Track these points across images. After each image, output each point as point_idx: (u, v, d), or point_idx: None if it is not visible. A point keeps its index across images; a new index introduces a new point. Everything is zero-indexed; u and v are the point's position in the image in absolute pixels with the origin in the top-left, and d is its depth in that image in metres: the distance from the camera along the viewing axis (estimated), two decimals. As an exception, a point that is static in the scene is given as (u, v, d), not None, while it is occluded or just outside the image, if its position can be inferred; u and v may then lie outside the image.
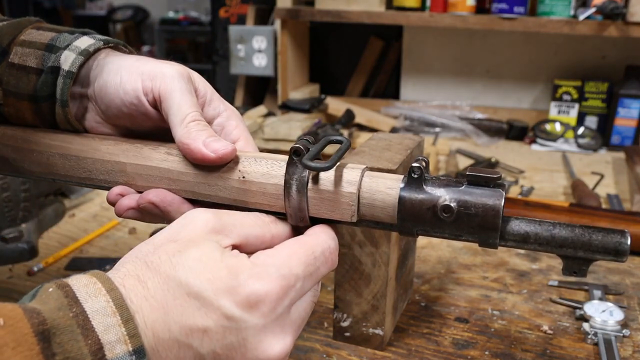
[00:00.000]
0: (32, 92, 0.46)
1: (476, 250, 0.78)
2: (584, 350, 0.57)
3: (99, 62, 0.46)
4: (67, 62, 0.45)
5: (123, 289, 0.32)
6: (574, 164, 1.19)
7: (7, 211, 0.78)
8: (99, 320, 0.29)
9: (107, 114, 0.47)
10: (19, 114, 0.48)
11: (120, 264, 0.34)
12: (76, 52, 0.45)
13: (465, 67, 1.59)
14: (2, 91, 0.47)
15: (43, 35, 0.47)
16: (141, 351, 0.30)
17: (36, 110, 0.47)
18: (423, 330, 0.60)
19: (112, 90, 0.44)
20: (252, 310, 0.33)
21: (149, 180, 0.44)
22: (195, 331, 0.32)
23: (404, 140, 0.58)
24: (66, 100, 0.45)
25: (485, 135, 1.41)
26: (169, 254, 0.34)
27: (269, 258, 0.35)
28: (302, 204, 0.39)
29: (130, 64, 0.45)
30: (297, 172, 0.39)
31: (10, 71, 0.46)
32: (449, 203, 0.38)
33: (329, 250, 0.38)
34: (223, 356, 0.33)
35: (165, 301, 0.32)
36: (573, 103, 1.42)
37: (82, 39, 0.46)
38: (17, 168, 0.48)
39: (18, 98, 0.47)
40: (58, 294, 0.29)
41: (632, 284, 0.70)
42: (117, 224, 0.87)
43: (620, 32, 1.26)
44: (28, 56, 0.46)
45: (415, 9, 1.45)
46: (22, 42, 0.47)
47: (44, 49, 0.46)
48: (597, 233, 0.37)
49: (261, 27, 1.70)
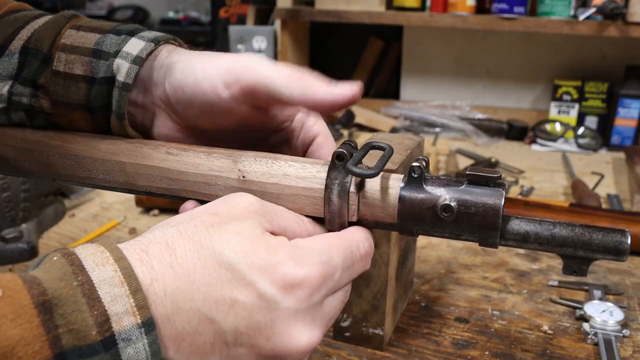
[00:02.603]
0: (85, 102, 0.44)
1: (476, 250, 0.78)
2: (584, 350, 0.57)
3: (162, 64, 0.44)
4: (121, 72, 0.43)
5: (145, 254, 0.30)
6: (574, 164, 1.19)
7: (7, 211, 0.78)
8: (106, 290, 0.27)
9: (185, 117, 0.44)
10: (72, 123, 0.46)
11: (147, 231, 0.33)
12: (129, 61, 0.43)
13: (465, 67, 1.59)
14: (50, 101, 0.45)
15: (86, 38, 0.44)
16: (150, 324, 0.28)
17: (91, 119, 0.45)
18: (423, 330, 0.60)
19: (189, 91, 0.42)
20: (287, 292, 0.31)
21: (149, 179, 0.44)
22: (220, 304, 0.30)
23: (404, 140, 0.58)
24: (123, 113, 0.43)
25: (485, 135, 1.41)
26: (206, 224, 0.32)
27: (310, 243, 0.34)
28: (342, 210, 0.39)
29: (202, 60, 0.42)
30: (339, 177, 0.38)
31: (56, 80, 0.44)
32: (449, 202, 0.38)
33: (364, 248, 0.37)
34: (245, 336, 0.31)
35: (193, 269, 0.30)
36: (573, 103, 1.42)
37: (131, 43, 0.43)
38: (17, 168, 0.48)
39: (69, 108, 0.45)
40: (62, 263, 0.28)
41: (632, 284, 0.70)
42: (117, 224, 0.87)
43: (620, 32, 1.26)
44: (74, 63, 0.44)
45: (415, 9, 1.45)
46: (64, 46, 0.44)
47: (90, 55, 0.44)
48: (597, 232, 0.37)
49: (261, 27, 1.70)
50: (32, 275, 0.27)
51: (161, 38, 0.45)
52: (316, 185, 0.40)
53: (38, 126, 0.47)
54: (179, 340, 0.30)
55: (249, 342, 0.31)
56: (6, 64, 0.45)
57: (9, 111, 0.47)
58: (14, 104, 0.46)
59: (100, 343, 0.26)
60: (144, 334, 0.27)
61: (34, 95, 0.45)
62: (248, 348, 0.31)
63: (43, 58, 0.45)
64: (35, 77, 0.45)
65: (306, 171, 0.40)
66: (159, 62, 0.44)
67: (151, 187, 0.44)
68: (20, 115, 0.47)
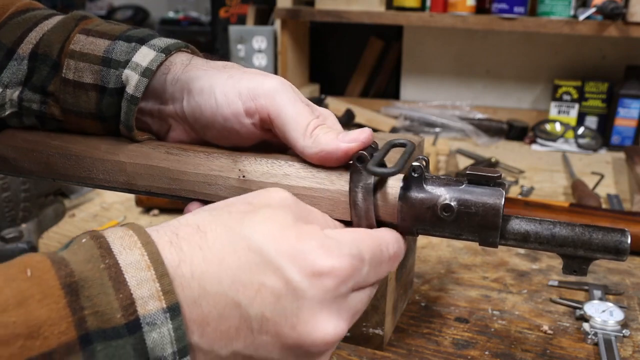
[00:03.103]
0: (96, 111, 0.44)
1: (476, 250, 0.78)
2: (584, 350, 0.57)
3: (177, 78, 0.43)
4: (130, 84, 0.42)
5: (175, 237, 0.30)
6: (574, 164, 1.19)
7: (7, 211, 0.78)
8: (132, 273, 0.27)
9: (204, 134, 0.44)
10: (83, 130, 0.46)
11: (180, 217, 0.33)
12: (138, 72, 0.42)
13: (465, 67, 1.59)
14: (60, 108, 0.45)
15: (95, 45, 0.43)
16: (176, 308, 0.28)
17: (102, 127, 0.45)
18: (423, 330, 0.60)
19: (208, 114, 0.41)
20: (314, 280, 0.31)
21: (149, 179, 0.44)
22: (247, 287, 0.30)
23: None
24: (131, 125, 0.43)
25: (485, 135, 1.41)
26: (240, 211, 0.32)
27: (340, 235, 0.34)
28: (369, 212, 0.39)
29: (222, 81, 0.41)
30: (362, 180, 0.38)
31: (66, 88, 0.44)
32: (449, 202, 0.38)
33: (393, 249, 0.37)
34: (271, 322, 0.30)
35: (222, 252, 0.30)
36: (573, 103, 1.42)
37: (142, 52, 0.42)
38: (17, 168, 0.48)
39: (79, 116, 0.44)
40: (90, 245, 0.28)
41: (632, 284, 0.70)
42: (117, 224, 0.87)
43: (620, 32, 1.26)
44: (83, 71, 0.43)
45: (415, 9, 1.45)
46: (73, 53, 0.44)
47: (100, 63, 0.43)
48: (597, 232, 0.37)
49: (261, 27, 1.70)
50: (60, 256, 0.27)
51: (173, 47, 0.43)
52: (316, 184, 0.40)
53: (50, 130, 0.47)
54: (204, 324, 0.29)
55: (274, 330, 0.31)
56: (15, 69, 0.45)
57: (21, 116, 0.46)
58: (24, 110, 0.46)
59: (125, 326, 0.26)
60: (169, 319, 0.27)
61: (44, 102, 0.45)
62: (273, 337, 0.31)
63: (52, 64, 0.44)
64: (45, 84, 0.44)
65: (306, 171, 0.40)
66: (174, 75, 0.43)
67: (151, 187, 0.44)
68: (31, 120, 0.47)
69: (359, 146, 0.39)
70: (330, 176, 0.40)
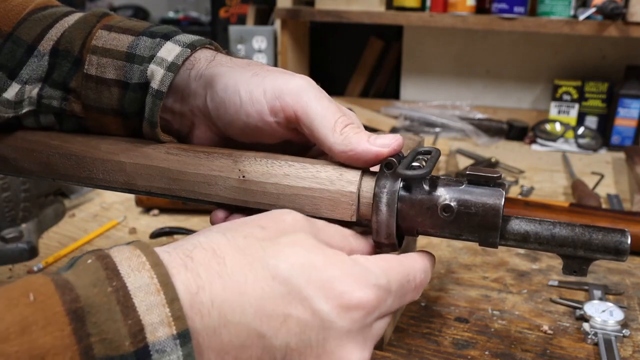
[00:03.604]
0: (118, 107, 0.43)
1: (476, 250, 0.78)
2: (584, 350, 0.57)
3: (201, 74, 0.42)
4: (155, 79, 0.41)
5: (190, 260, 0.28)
6: (574, 164, 1.19)
7: (7, 211, 0.78)
8: (142, 298, 0.26)
9: (226, 131, 0.44)
10: (103, 127, 0.45)
11: (190, 236, 0.31)
12: (164, 67, 0.41)
13: (465, 67, 1.59)
14: (82, 105, 0.44)
15: (118, 41, 0.43)
16: (186, 335, 0.26)
17: (123, 124, 0.44)
18: (423, 330, 0.60)
19: (232, 111, 0.41)
20: (343, 312, 0.30)
21: (149, 179, 0.44)
22: (273, 319, 0.29)
23: (404, 140, 0.58)
24: (156, 121, 0.42)
25: (485, 135, 1.41)
26: (257, 237, 0.31)
27: (369, 263, 0.33)
28: (390, 220, 0.38)
29: (246, 79, 0.41)
30: (388, 185, 0.38)
31: (88, 84, 0.43)
32: (449, 202, 0.38)
33: (420, 279, 0.36)
34: (296, 352, 0.30)
35: (244, 281, 0.29)
36: (573, 103, 1.42)
37: (167, 47, 0.42)
38: (17, 168, 0.48)
39: (101, 112, 0.44)
40: (96, 266, 0.27)
41: (632, 284, 0.70)
42: (117, 224, 0.87)
43: (620, 32, 1.26)
44: (106, 67, 0.43)
45: (415, 9, 1.45)
46: (96, 48, 0.43)
47: (124, 59, 0.42)
48: (598, 232, 0.37)
49: (261, 27, 1.70)
50: (64, 279, 0.26)
51: (197, 43, 0.43)
52: (316, 185, 0.40)
53: (67, 129, 0.46)
54: (222, 352, 0.29)
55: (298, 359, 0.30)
56: (35, 66, 0.44)
57: (38, 114, 0.46)
58: (43, 107, 0.45)
59: (134, 354, 0.25)
60: (179, 346, 0.26)
61: (65, 98, 0.44)
62: None
63: (74, 60, 0.43)
64: (66, 80, 0.44)
65: (306, 171, 0.40)
66: (197, 71, 0.43)
67: (151, 187, 0.44)
68: (49, 119, 0.46)
69: (389, 152, 0.39)
70: (330, 177, 0.40)
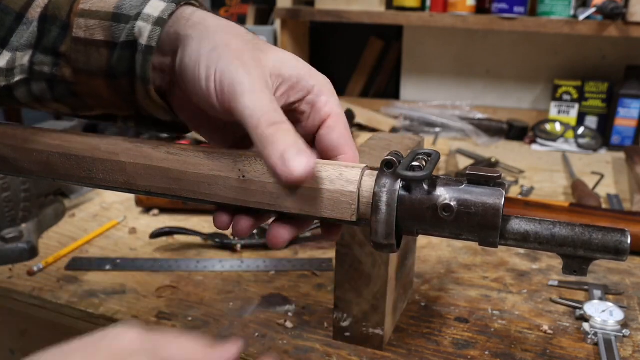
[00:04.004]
0: (107, 68, 0.43)
1: (476, 250, 0.78)
2: (584, 350, 0.57)
3: (179, 35, 0.41)
4: (143, 35, 0.41)
5: None
6: (574, 164, 1.19)
7: (7, 211, 0.78)
8: None
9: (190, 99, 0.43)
10: (94, 92, 0.44)
11: None
12: (151, 23, 0.41)
13: (465, 67, 1.59)
14: (72, 69, 0.44)
15: (105, 2, 0.43)
16: None
17: (113, 87, 0.44)
18: (423, 330, 0.60)
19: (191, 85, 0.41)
20: None
21: (149, 179, 0.44)
22: None
23: (404, 140, 0.58)
24: (148, 77, 0.42)
25: (485, 135, 1.41)
26: None
27: None
28: (390, 219, 0.38)
29: (206, 53, 0.40)
30: (388, 185, 0.38)
31: (77, 47, 0.43)
32: (449, 202, 0.38)
33: None
34: None
35: None
36: (573, 103, 1.42)
37: (152, 4, 0.42)
38: (17, 168, 0.48)
39: (91, 75, 0.43)
40: None
41: (632, 284, 0.70)
42: (117, 224, 0.87)
43: (620, 32, 1.26)
44: (94, 29, 0.42)
45: (415, 9, 1.45)
46: (83, 12, 0.43)
47: (110, 19, 0.42)
48: (598, 232, 0.37)
49: (261, 27, 1.70)
50: None
51: None
52: (315, 184, 0.40)
53: (59, 97, 0.46)
54: None
55: None
56: (24, 33, 0.44)
57: (30, 82, 0.45)
58: (35, 74, 0.45)
59: None
60: None
61: (55, 63, 0.44)
62: None
63: (62, 25, 0.43)
64: (56, 45, 0.44)
65: (306, 171, 0.40)
66: (177, 29, 0.42)
67: (151, 187, 0.44)
68: (41, 86, 0.45)
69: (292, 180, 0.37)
70: (330, 176, 0.40)
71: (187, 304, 0.65)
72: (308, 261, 0.75)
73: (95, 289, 0.68)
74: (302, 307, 0.64)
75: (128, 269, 0.73)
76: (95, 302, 0.65)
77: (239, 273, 0.72)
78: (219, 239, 0.78)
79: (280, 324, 0.61)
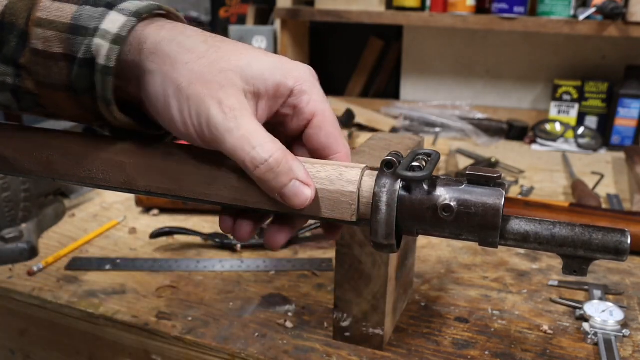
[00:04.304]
0: (68, 82, 0.40)
1: (476, 250, 0.78)
2: (584, 350, 0.57)
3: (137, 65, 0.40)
4: (100, 54, 0.39)
5: None
6: (574, 164, 1.19)
7: (7, 211, 0.78)
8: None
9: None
10: (59, 105, 0.42)
11: None
12: (108, 41, 0.38)
13: (465, 67, 1.59)
14: (34, 82, 0.41)
15: (62, 11, 0.40)
16: None
17: (76, 101, 0.42)
18: (423, 330, 0.60)
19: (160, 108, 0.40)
20: None
21: (149, 179, 0.44)
22: None
23: (404, 140, 0.58)
24: (109, 98, 0.40)
25: (485, 135, 1.41)
26: None
27: None
28: (390, 220, 0.38)
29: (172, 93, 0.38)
30: (388, 185, 0.38)
31: (36, 59, 0.40)
32: (449, 202, 0.38)
33: None
34: None
35: None
36: (573, 103, 1.42)
37: (110, 17, 0.39)
38: (17, 168, 0.48)
39: (54, 89, 0.41)
40: None
41: (632, 284, 0.70)
42: (117, 223, 0.87)
43: (620, 32, 1.26)
44: (52, 41, 0.40)
45: (415, 9, 1.45)
46: (40, 21, 0.40)
47: (67, 32, 0.39)
48: (598, 232, 0.37)
49: (261, 27, 1.70)
50: None
51: (144, 10, 0.40)
52: (316, 185, 0.40)
53: (26, 107, 0.44)
54: None
55: None
56: None
57: None
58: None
59: None
60: None
61: (17, 75, 0.42)
62: None
63: (20, 34, 0.40)
64: (15, 57, 0.41)
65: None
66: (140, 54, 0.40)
67: (151, 187, 0.44)
68: (6, 97, 0.43)
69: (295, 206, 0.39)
70: (330, 176, 0.40)
71: (187, 304, 0.65)
72: (308, 261, 0.75)
73: (95, 289, 0.68)
74: (302, 307, 0.64)
75: (128, 269, 0.73)
76: (95, 302, 0.65)
77: (239, 273, 0.72)
78: (219, 239, 0.78)
79: (280, 324, 0.61)
